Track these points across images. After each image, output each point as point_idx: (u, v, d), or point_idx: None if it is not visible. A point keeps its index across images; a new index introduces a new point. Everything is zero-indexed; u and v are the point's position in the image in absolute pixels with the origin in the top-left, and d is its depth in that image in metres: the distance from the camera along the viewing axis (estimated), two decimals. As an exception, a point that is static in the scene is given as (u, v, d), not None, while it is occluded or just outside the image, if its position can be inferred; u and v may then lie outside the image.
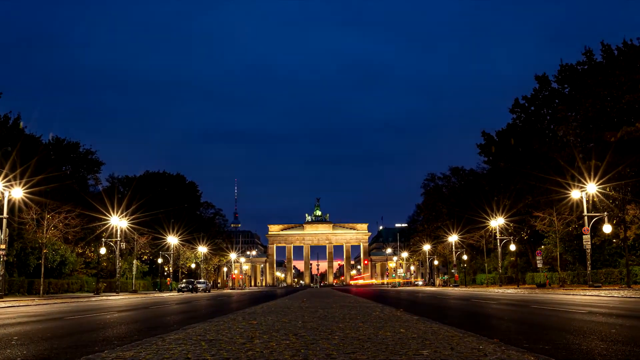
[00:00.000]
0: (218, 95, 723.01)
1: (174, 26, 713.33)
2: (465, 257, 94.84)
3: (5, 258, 41.25)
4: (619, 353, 7.96)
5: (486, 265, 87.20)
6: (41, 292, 50.33)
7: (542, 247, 66.75)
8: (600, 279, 52.69)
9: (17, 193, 43.76)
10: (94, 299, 42.81)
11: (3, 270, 40.49)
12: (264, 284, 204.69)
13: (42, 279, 51.01)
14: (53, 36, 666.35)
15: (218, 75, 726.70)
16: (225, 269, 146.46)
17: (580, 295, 33.45)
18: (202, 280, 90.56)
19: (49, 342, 10.54)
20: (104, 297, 45.91)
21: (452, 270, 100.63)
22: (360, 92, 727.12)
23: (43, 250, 53.07)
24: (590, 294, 34.30)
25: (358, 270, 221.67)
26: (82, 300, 39.80)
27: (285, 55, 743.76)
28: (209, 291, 78.68)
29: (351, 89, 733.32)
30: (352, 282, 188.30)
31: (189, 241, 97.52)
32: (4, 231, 40.49)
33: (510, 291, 48.26)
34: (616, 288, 43.37)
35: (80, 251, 69.56)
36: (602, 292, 35.27)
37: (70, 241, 64.10)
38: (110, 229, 64.54)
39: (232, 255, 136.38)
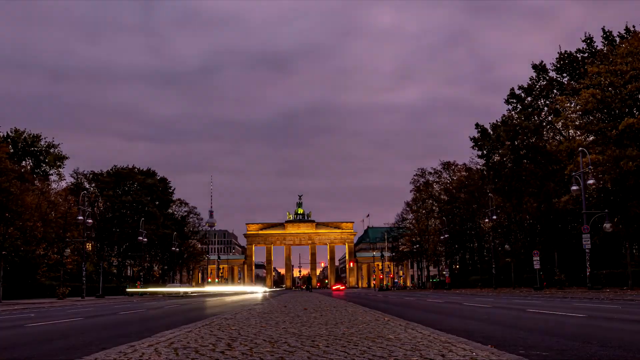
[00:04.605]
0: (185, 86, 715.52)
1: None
2: (457, 257, 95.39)
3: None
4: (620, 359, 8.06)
5: (479, 266, 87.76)
6: (0, 297, 49.81)
7: (540, 246, 67.28)
8: (601, 280, 53.21)
9: (-27, 190, 43.31)
10: (57, 304, 42.49)
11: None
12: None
13: (0, 283, 50.47)
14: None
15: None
16: (200, 272, 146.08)
17: (578, 298, 33.78)
18: (176, 284, 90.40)
19: (8, 352, 10.45)
20: (69, 302, 45.58)
21: (444, 272, 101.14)
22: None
23: (2, 252, 52.55)
24: (589, 296, 34.65)
25: (343, 271, 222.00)
26: (44, 305, 39.48)
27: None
28: (184, 295, 78.38)
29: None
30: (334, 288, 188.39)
31: (161, 241, 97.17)
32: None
33: (505, 293, 48.59)
34: (617, 290, 43.83)
35: (42, 253, 68.97)
36: (602, 295, 35.66)
37: (32, 242, 63.55)
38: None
39: (208, 257, 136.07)
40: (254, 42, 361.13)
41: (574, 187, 50.50)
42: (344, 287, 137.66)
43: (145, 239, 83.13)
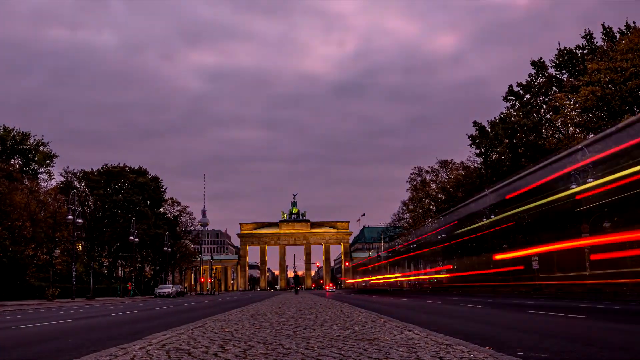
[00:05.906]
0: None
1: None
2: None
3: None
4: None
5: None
6: (-13, 298, 49.76)
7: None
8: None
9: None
10: (47, 305, 42.40)
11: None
12: (235, 288, 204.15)
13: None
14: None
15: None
16: (192, 273, 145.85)
17: (578, 298, 33.89)
18: (168, 285, 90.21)
19: (-3, 354, 10.42)
20: (59, 304, 45.48)
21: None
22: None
23: (-11, 253, 52.44)
24: (589, 297, 34.77)
25: (339, 272, 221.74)
26: (33, 307, 39.39)
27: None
28: (176, 296, 78.22)
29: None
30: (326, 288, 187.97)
31: (153, 241, 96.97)
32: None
33: (503, 294, 48.70)
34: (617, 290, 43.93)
35: (31, 253, 68.79)
36: (602, 295, 35.81)
37: (21, 242, 63.36)
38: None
39: (201, 257, 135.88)
40: (140, 120, 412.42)
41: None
42: (333, 286, 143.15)
43: (137, 239, 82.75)
